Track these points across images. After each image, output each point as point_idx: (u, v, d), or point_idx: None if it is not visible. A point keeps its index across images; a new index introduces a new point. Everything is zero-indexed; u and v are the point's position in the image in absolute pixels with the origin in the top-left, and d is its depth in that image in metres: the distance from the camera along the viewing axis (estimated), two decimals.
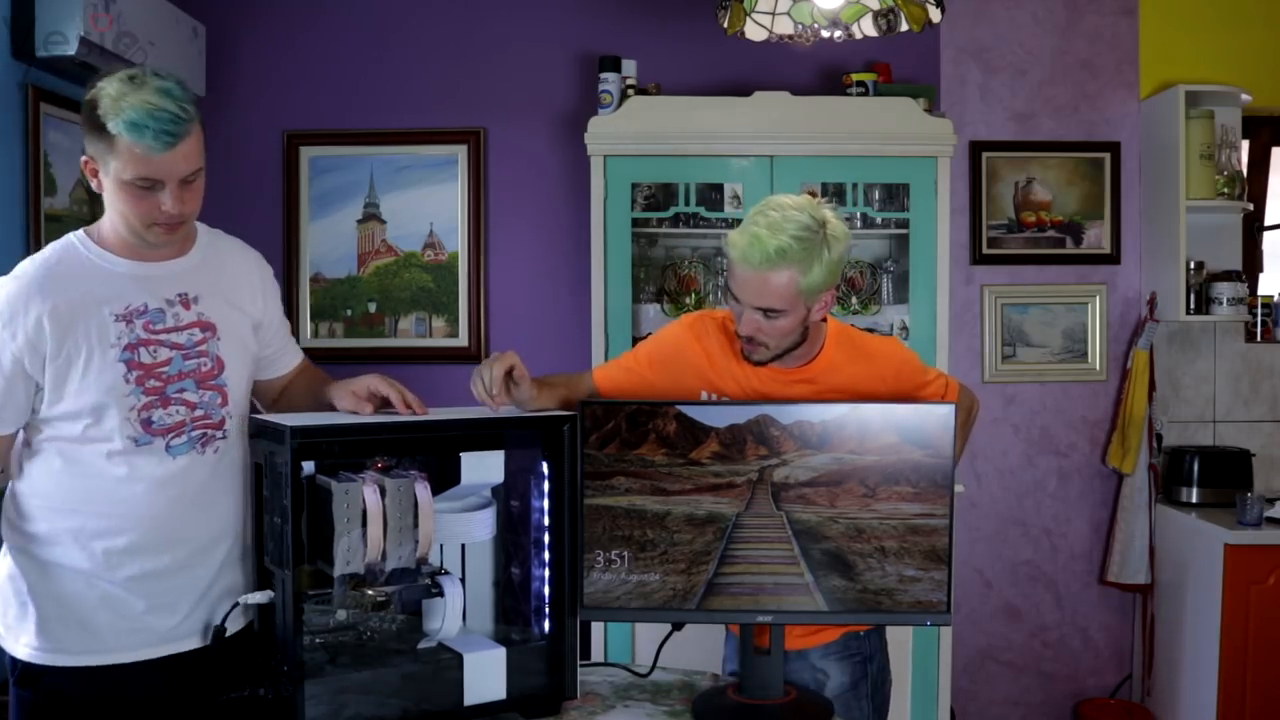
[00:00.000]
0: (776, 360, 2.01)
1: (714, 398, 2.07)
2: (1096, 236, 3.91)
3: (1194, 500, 3.69)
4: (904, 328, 3.54)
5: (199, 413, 1.84)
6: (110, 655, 1.80)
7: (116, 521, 1.78)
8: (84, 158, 1.78)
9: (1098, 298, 3.90)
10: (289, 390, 2.09)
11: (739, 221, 2.02)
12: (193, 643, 1.86)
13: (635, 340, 3.27)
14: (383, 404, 1.90)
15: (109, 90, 1.73)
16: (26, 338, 1.74)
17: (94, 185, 1.80)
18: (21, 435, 1.83)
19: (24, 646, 1.80)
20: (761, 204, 1.93)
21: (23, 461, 1.83)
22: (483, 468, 1.85)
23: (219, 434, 1.86)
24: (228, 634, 1.83)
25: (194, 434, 1.83)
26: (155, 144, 1.71)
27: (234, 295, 1.94)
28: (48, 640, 1.79)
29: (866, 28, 2.36)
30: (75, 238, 1.85)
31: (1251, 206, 3.85)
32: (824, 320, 2.06)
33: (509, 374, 1.90)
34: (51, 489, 1.80)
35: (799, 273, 1.87)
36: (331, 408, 1.93)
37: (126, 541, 1.79)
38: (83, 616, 1.79)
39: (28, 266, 1.80)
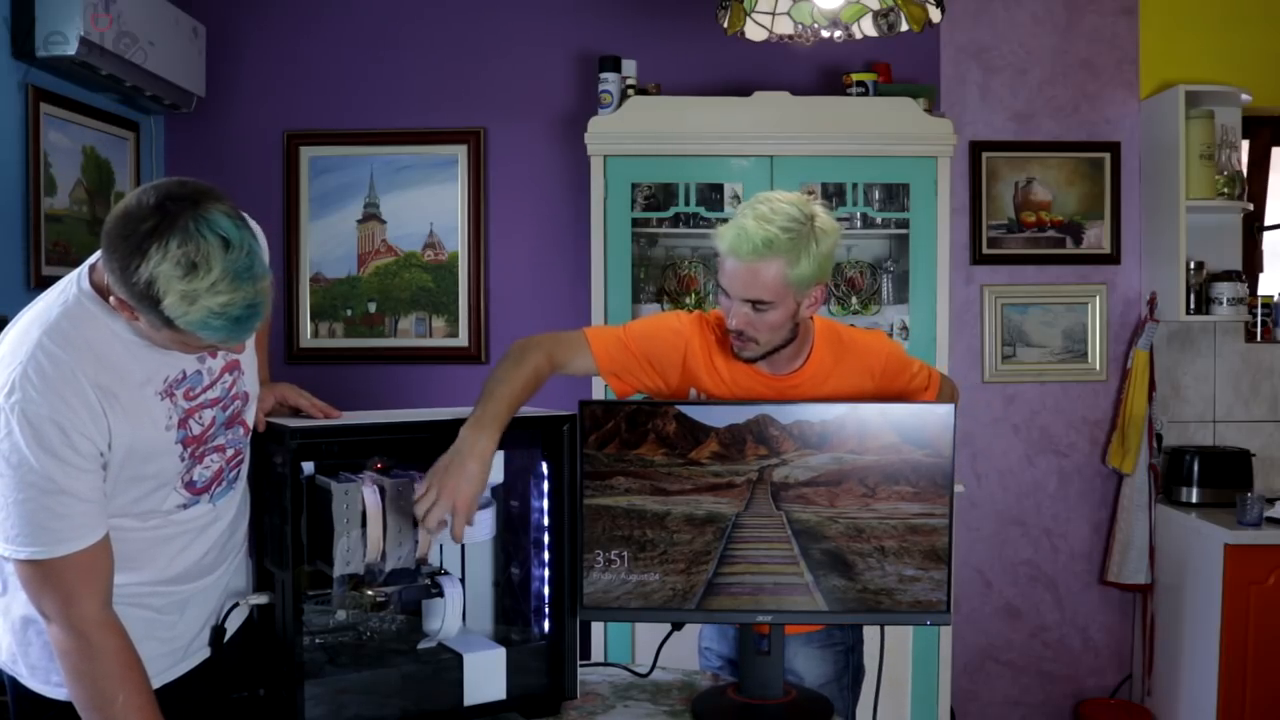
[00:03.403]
0: (766, 359, 2.01)
1: (702, 397, 2.07)
2: (1096, 236, 3.91)
3: (1194, 500, 3.69)
4: (904, 328, 3.54)
5: (230, 453, 1.74)
6: (158, 679, 1.69)
7: (164, 571, 1.69)
8: (115, 299, 1.50)
9: (1098, 298, 3.90)
10: None
11: None
12: (206, 652, 1.81)
13: None
14: (293, 413, 1.84)
15: (172, 283, 1.42)
16: (92, 415, 1.53)
17: (124, 315, 1.53)
18: None
19: (60, 686, 1.62)
20: (752, 199, 1.96)
21: None
22: None
23: (242, 460, 1.80)
24: (227, 634, 1.82)
25: (231, 475, 1.77)
26: (240, 339, 1.53)
27: None
28: None
29: (866, 28, 2.36)
30: (87, 298, 1.57)
31: (1251, 206, 3.85)
32: (811, 320, 2.07)
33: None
34: None
35: (787, 264, 1.88)
36: None
37: (171, 577, 1.70)
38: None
39: (55, 338, 1.53)
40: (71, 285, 1.60)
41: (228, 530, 1.80)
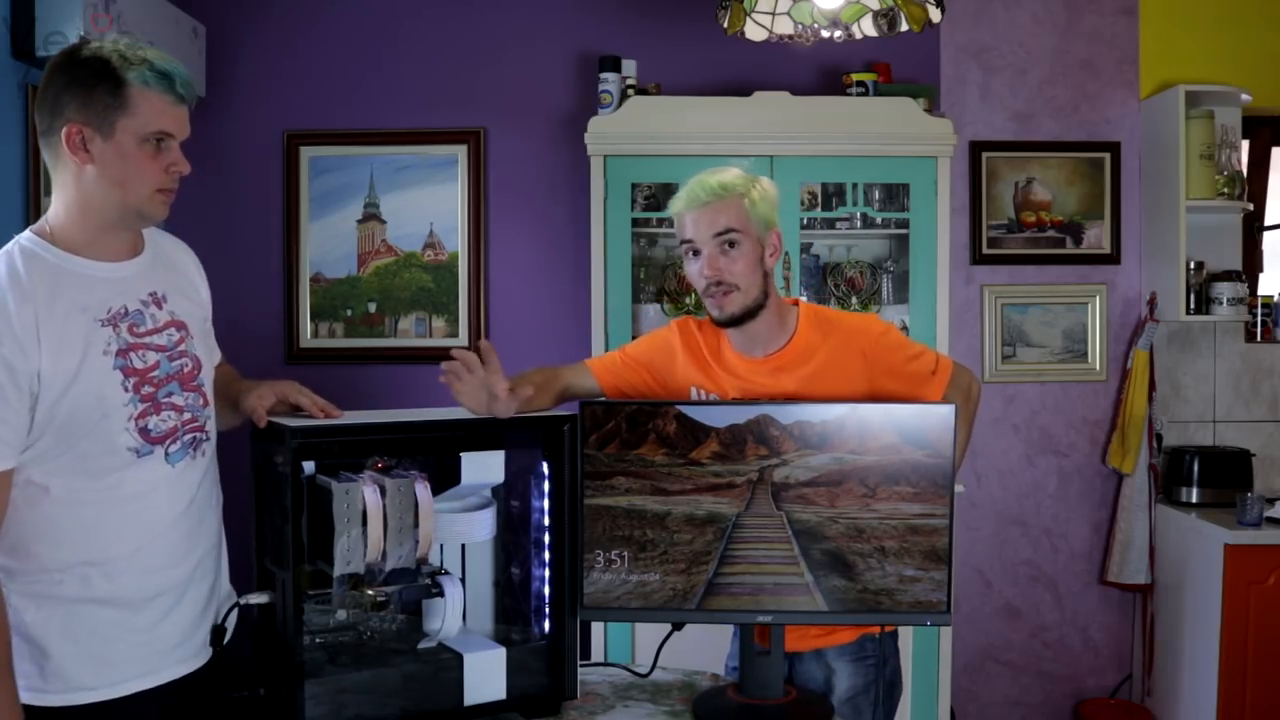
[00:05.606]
0: (744, 329, 2.05)
1: (703, 394, 2.09)
2: (1096, 236, 3.92)
3: (1194, 500, 3.69)
4: (904, 328, 3.53)
5: (187, 416, 1.76)
6: (130, 685, 1.69)
7: (126, 544, 1.68)
8: (66, 129, 1.63)
9: (1098, 298, 3.90)
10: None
11: None
12: (203, 657, 1.80)
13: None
14: (293, 410, 1.84)
15: (111, 47, 1.66)
16: (20, 346, 1.59)
17: (75, 161, 1.64)
18: None
19: (22, 690, 1.62)
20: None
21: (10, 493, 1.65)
22: (483, 468, 1.85)
23: (204, 436, 1.80)
24: (228, 634, 1.81)
25: (186, 439, 1.76)
26: (184, 92, 1.69)
27: (190, 291, 1.86)
28: (55, 680, 1.65)
29: (866, 28, 2.37)
30: (30, 242, 1.68)
31: (1251, 206, 3.85)
32: (795, 304, 2.13)
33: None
34: (48, 519, 1.64)
35: (744, 200, 2.02)
36: (235, 407, 1.87)
37: (138, 561, 1.69)
38: (95, 649, 1.66)
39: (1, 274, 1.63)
40: (12, 244, 1.69)
41: (194, 510, 1.77)
